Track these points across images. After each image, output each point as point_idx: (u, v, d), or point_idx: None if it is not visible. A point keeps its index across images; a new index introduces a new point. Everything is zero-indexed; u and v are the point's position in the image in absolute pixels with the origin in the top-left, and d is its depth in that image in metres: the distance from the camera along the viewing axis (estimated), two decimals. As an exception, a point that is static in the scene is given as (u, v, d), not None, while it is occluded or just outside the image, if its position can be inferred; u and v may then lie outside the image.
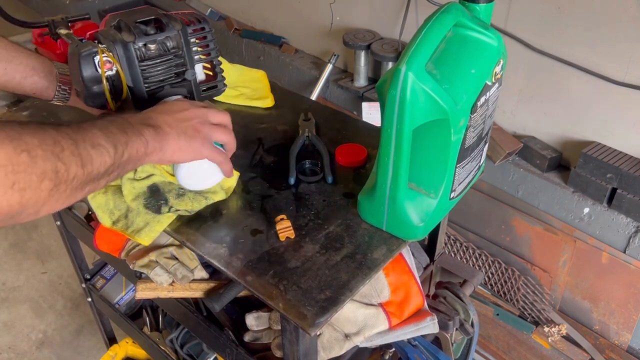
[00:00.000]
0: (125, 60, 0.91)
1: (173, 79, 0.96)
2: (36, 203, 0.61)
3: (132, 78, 0.92)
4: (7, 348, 2.16)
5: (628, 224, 1.75)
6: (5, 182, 0.57)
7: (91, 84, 0.91)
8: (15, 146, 0.58)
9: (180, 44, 0.95)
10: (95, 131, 0.70)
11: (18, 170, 0.58)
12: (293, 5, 2.67)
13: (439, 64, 0.77)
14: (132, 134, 0.75)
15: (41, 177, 0.61)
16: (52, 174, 0.62)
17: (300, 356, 0.86)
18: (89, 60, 0.89)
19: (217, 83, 1.04)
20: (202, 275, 1.05)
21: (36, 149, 0.60)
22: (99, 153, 0.68)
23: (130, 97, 0.94)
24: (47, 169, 0.61)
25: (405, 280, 1.01)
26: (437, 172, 0.84)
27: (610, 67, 1.69)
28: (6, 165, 0.57)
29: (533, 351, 1.97)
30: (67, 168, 0.64)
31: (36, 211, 0.62)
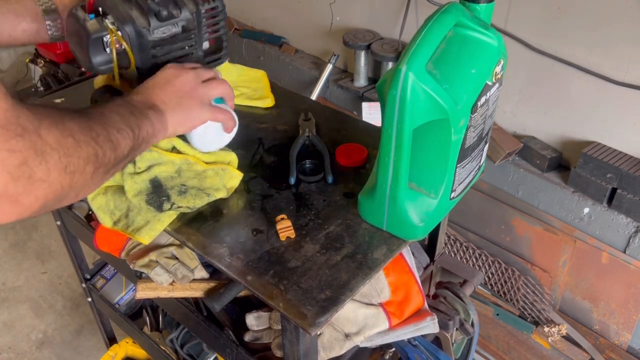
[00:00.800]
0: (136, 43, 0.89)
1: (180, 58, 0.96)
2: (81, 185, 0.64)
3: (141, 60, 0.91)
4: (7, 348, 2.16)
5: (628, 224, 1.75)
6: (60, 165, 0.59)
7: (99, 66, 0.90)
8: (61, 130, 0.61)
9: (192, 25, 0.93)
10: (113, 116, 0.72)
11: (68, 153, 0.61)
12: (293, 5, 2.67)
13: (439, 64, 0.77)
14: (140, 116, 0.78)
15: (86, 160, 0.63)
16: (94, 157, 0.65)
17: (301, 356, 0.86)
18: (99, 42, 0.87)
19: (221, 56, 1.02)
20: (202, 275, 1.05)
21: (78, 134, 0.63)
22: (123, 137, 0.72)
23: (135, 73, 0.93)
24: (90, 153, 0.64)
25: (405, 280, 1.01)
26: (437, 172, 0.84)
27: (610, 67, 1.69)
28: (58, 148, 0.59)
29: (533, 351, 1.97)
30: (104, 152, 0.67)
31: (77, 194, 0.65)
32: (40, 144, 0.57)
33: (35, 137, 0.57)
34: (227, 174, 0.97)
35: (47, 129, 0.59)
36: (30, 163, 0.56)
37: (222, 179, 0.96)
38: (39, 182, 0.57)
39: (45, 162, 0.58)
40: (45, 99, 1.26)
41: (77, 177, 0.62)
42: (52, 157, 0.58)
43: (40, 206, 0.59)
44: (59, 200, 0.62)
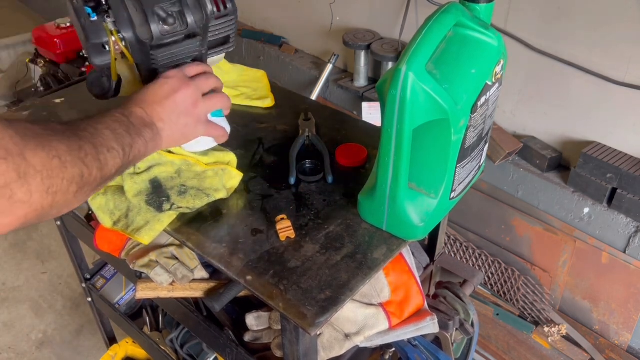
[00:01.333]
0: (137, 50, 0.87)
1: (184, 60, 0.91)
2: (63, 204, 0.64)
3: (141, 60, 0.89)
4: (7, 348, 2.16)
5: (628, 224, 1.75)
6: (42, 187, 0.60)
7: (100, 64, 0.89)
8: (47, 152, 0.61)
9: (200, 32, 0.88)
10: (107, 133, 0.72)
11: (52, 175, 0.61)
12: (293, 5, 2.67)
13: (439, 64, 0.77)
14: (135, 135, 0.77)
15: (70, 181, 0.64)
16: (79, 178, 0.65)
17: (301, 356, 0.86)
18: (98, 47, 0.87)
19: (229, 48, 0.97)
20: (202, 275, 1.05)
21: (65, 154, 0.63)
22: (112, 156, 0.72)
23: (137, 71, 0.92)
24: (75, 173, 0.65)
25: (405, 280, 1.01)
26: (437, 172, 0.84)
27: (610, 67, 1.69)
28: (42, 170, 0.60)
29: (533, 351, 1.97)
30: (90, 172, 0.67)
31: (59, 211, 0.66)
32: (24, 166, 0.58)
33: (20, 160, 0.57)
34: (227, 174, 0.97)
35: (33, 150, 0.59)
36: (12, 185, 0.57)
37: (221, 179, 0.96)
38: (19, 203, 0.58)
39: (28, 184, 0.58)
40: (45, 99, 1.27)
41: (60, 197, 0.63)
42: (35, 179, 0.59)
43: (20, 224, 0.60)
44: (39, 218, 0.62)
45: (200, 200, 0.94)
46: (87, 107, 1.22)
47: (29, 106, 1.25)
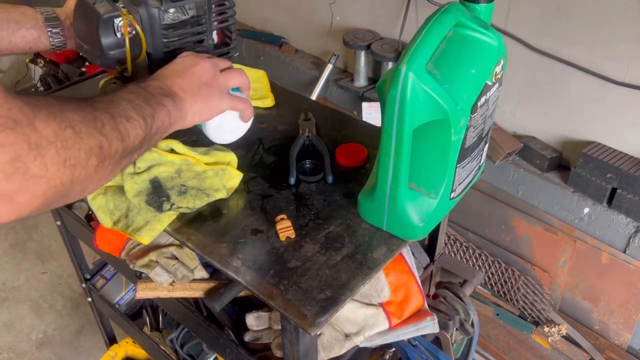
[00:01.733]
0: (148, 26, 0.87)
1: (190, 45, 0.95)
2: (84, 179, 0.60)
3: (153, 45, 0.89)
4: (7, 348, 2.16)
5: (628, 224, 1.75)
6: (58, 159, 0.56)
7: (109, 49, 0.88)
8: (59, 122, 0.57)
9: (202, 11, 0.92)
10: (125, 104, 0.69)
11: (66, 146, 0.57)
12: (293, 5, 2.67)
13: (439, 64, 0.77)
14: (156, 105, 0.75)
15: (88, 153, 0.60)
16: (98, 149, 0.62)
17: (301, 356, 0.86)
18: (109, 24, 0.86)
19: (230, 49, 1.02)
20: (202, 275, 1.05)
21: (79, 125, 0.60)
22: (133, 126, 0.68)
23: (146, 62, 0.92)
24: (92, 144, 0.61)
25: (405, 280, 1.01)
26: (437, 172, 0.84)
27: (610, 67, 1.69)
28: (55, 141, 0.56)
29: (533, 351, 1.97)
30: (110, 143, 0.63)
31: (83, 189, 0.62)
32: (34, 137, 0.54)
33: (29, 130, 0.53)
34: (227, 174, 0.97)
35: (44, 121, 0.55)
36: (24, 158, 0.53)
37: (221, 179, 0.96)
38: (35, 178, 0.54)
39: (41, 156, 0.54)
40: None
41: (79, 171, 0.59)
42: (49, 151, 0.55)
43: (40, 204, 0.56)
44: (61, 196, 0.59)
45: (200, 200, 0.94)
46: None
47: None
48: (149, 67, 0.92)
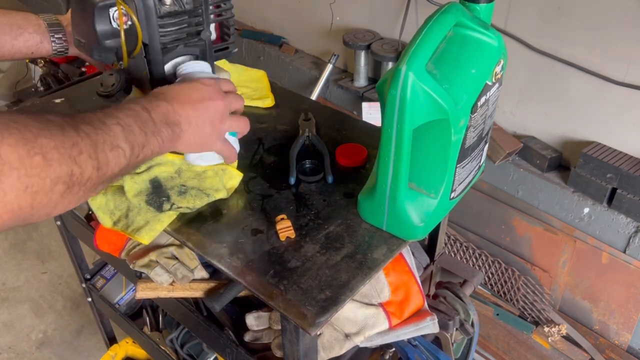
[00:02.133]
0: (143, 15, 0.87)
1: (187, 38, 0.94)
2: (47, 205, 0.60)
3: (149, 35, 0.89)
4: (7, 348, 2.16)
5: (628, 224, 1.75)
6: (18, 185, 0.55)
7: (104, 39, 0.87)
8: (29, 149, 0.56)
9: (199, 2, 0.92)
10: (117, 130, 0.68)
11: (31, 173, 0.56)
12: (293, 5, 2.67)
13: (439, 64, 0.77)
14: (151, 135, 0.74)
15: (55, 180, 0.59)
16: (67, 177, 0.60)
17: (301, 356, 0.86)
18: (105, 12, 0.86)
19: (229, 45, 1.02)
20: (202, 275, 1.05)
21: (52, 151, 0.58)
22: (115, 155, 0.67)
23: (143, 54, 0.91)
24: (61, 172, 0.59)
25: (405, 280, 1.01)
26: (437, 172, 0.84)
27: (610, 67, 1.69)
28: (18, 168, 0.55)
29: (533, 351, 1.97)
30: (82, 171, 0.62)
31: (48, 213, 0.61)
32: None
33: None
34: (227, 174, 0.97)
35: (11, 146, 0.54)
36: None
37: (221, 179, 0.96)
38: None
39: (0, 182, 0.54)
40: (45, 99, 1.27)
41: (41, 198, 0.58)
42: (10, 177, 0.54)
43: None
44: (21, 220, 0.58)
45: (200, 200, 0.94)
46: (87, 107, 1.22)
47: (29, 106, 1.25)
48: (146, 58, 0.92)
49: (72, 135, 0.61)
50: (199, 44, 0.96)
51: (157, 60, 0.92)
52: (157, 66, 0.93)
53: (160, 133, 0.75)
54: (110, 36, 0.88)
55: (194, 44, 0.96)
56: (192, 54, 0.97)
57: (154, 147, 0.74)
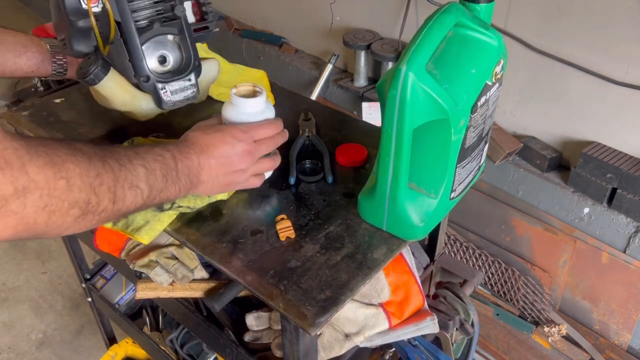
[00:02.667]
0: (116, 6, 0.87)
1: (162, 14, 0.94)
2: (61, 226, 0.63)
3: (120, 13, 0.88)
4: (7, 348, 2.16)
5: (628, 224, 1.75)
6: (39, 203, 0.59)
7: (75, 19, 0.88)
8: (55, 172, 0.60)
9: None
10: (140, 171, 0.72)
11: (53, 194, 0.60)
12: (293, 5, 2.67)
13: (439, 64, 0.77)
14: (171, 182, 0.77)
15: (73, 204, 0.62)
16: (84, 204, 0.64)
17: (301, 356, 0.86)
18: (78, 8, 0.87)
19: (208, 24, 1.02)
20: (202, 275, 1.05)
21: (76, 178, 0.62)
22: (133, 194, 0.70)
23: (119, 37, 0.91)
24: (80, 199, 0.63)
25: (405, 280, 1.01)
26: (437, 172, 0.84)
27: (610, 67, 1.69)
28: (43, 187, 0.59)
29: (533, 351, 1.97)
30: (99, 201, 0.66)
31: (59, 232, 0.64)
32: (23, 180, 0.57)
33: (19, 173, 0.56)
34: None
35: (39, 167, 0.58)
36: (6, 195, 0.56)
37: None
38: (10, 212, 0.57)
39: (24, 197, 0.57)
40: (45, 99, 1.27)
41: (57, 218, 0.62)
42: (33, 195, 0.58)
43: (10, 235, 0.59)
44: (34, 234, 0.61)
45: (200, 200, 0.94)
46: (87, 107, 1.22)
47: (29, 106, 1.25)
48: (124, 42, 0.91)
49: (98, 167, 0.65)
50: (176, 23, 0.96)
51: (133, 40, 0.91)
52: (134, 47, 0.92)
53: (179, 182, 0.79)
54: (81, 16, 0.88)
55: (170, 24, 0.95)
56: (171, 34, 0.96)
57: (170, 193, 0.78)
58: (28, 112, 1.23)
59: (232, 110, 0.91)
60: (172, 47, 0.98)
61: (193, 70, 1.00)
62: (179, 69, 0.99)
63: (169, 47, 0.98)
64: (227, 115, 0.92)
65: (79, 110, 1.22)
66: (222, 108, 0.92)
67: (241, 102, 0.90)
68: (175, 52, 0.99)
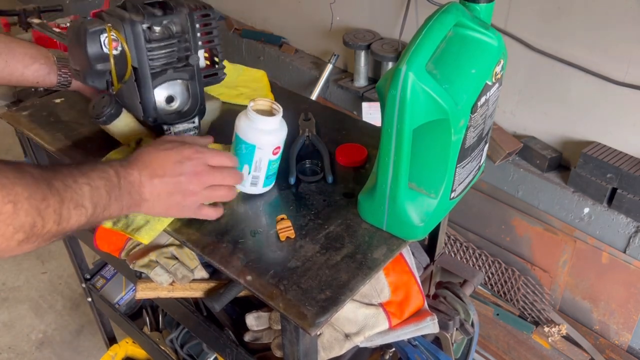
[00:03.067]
0: (132, 40, 0.91)
1: (176, 62, 0.97)
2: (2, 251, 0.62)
3: (138, 59, 0.92)
4: (7, 348, 2.16)
5: (628, 224, 1.75)
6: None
7: (95, 62, 0.91)
8: (3, 195, 0.59)
9: (186, 28, 0.95)
10: (85, 190, 0.71)
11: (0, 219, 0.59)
12: (293, 5, 2.67)
13: (439, 63, 0.77)
14: (114, 199, 0.76)
15: (18, 229, 0.61)
16: (29, 227, 0.63)
17: (301, 356, 0.86)
18: (96, 37, 0.89)
19: (218, 71, 1.05)
20: (202, 275, 1.05)
21: (23, 201, 0.61)
22: (78, 213, 0.70)
23: (133, 78, 0.94)
24: (26, 222, 0.62)
25: (405, 280, 1.01)
26: (437, 172, 0.84)
27: (610, 67, 1.69)
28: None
29: (533, 351, 1.97)
30: (44, 224, 0.65)
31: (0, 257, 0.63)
32: None
33: None
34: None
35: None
36: None
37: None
38: None
39: None
40: (45, 99, 1.27)
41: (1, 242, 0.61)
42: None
43: None
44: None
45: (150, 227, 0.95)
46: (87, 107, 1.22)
47: (29, 106, 1.25)
48: (137, 83, 0.95)
49: (44, 189, 0.64)
50: (188, 69, 0.99)
51: (146, 84, 0.95)
52: (147, 90, 0.96)
53: (122, 199, 0.77)
54: (101, 60, 0.91)
55: (182, 69, 0.98)
56: (182, 79, 0.99)
57: (113, 210, 0.76)
58: (28, 112, 1.23)
59: (246, 123, 0.91)
60: (181, 90, 1.02)
61: (198, 114, 1.04)
62: (184, 111, 1.03)
63: (178, 89, 1.01)
64: (240, 126, 0.91)
65: (78, 110, 1.22)
66: (237, 118, 0.92)
67: (257, 119, 0.90)
68: (184, 94, 1.02)
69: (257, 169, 0.94)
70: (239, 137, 0.92)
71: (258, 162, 0.93)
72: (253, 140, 0.91)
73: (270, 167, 0.95)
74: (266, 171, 0.95)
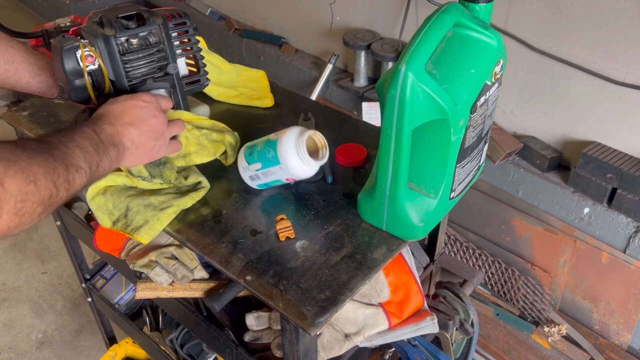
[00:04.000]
0: (107, 55, 0.92)
1: (155, 72, 0.99)
2: (27, 224, 0.66)
3: (114, 72, 0.94)
4: (7, 348, 2.16)
5: (628, 224, 1.75)
6: (13, 210, 0.62)
7: (73, 78, 0.93)
8: (26, 177, 0.62)
9: (162, 38, 0.97)
10: (77, 152, 0.74)
11: (25, 199, 0.63)
12: (293, 5, 2.67)
13: (438, 63, 0.77)
14: (103, 154, 0.79)
15: (39, 203, 0.65)
16: (47, 200, 0.67)
17: (300, 356, 0.86)
18: (71, 54, 0.91)
19: (200, 77, 1.06)
20: (202, 275, 1.05)
21: (41, 178, 0.65)
22: (80, 175, 0.73)
23: (112, 92, 0.96)
24: (45, 196, 0.66)
25: (405, 280, 1.01)
26: (437, 172, 0.84)
27: (610, 67, 1.69)
28: (17, 195, 0.61)
29: (533, 351, 1.97)
30: (58, 193, 0.69)
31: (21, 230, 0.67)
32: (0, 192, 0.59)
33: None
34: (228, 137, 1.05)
35: (12, 177, 0.61)
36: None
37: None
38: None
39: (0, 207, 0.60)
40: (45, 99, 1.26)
41: (26, 218, 0.64)
42: (8, 204, 0.61)
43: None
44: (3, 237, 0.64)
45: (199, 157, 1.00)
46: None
47: (29, 106, 1.26)
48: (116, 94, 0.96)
49: (51, 162, 0.68)
50: (168, 79, 1.00)
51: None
52: None
53: (110, 152, 0.81)
54: (78, 76, 0.93)
55: (162, 79, 0.99)
56: (163, 88, 1.00)
57: (105, 165, 0.80)
58: (28, 112, 1.23)
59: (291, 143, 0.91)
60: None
61: None
62: None
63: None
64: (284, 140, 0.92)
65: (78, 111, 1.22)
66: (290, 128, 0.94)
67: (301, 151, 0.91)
68: None
69: (265, 175, 0.95)
70: (275, 144, 0.93)
71: (270, 173, 0.95)
72: (283, 160, 0.92)
73: (275, 182, 0.97)
74: (269, 182, 0.97)
